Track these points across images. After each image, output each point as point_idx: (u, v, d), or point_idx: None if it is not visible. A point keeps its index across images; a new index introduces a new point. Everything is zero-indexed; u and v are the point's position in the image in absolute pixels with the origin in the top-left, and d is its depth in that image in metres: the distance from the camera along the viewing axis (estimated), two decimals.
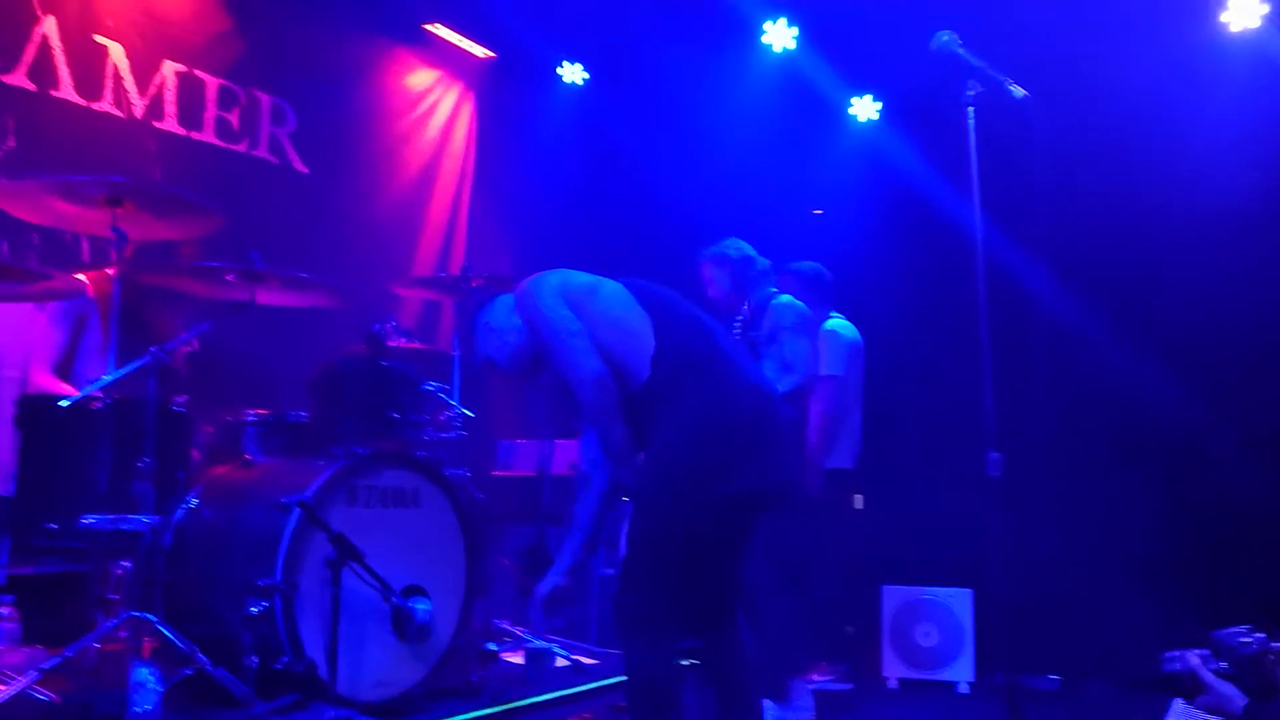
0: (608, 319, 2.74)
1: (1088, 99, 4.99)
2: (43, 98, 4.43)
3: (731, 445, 2.62)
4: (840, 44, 6.12)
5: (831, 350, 4.78)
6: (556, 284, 2.80)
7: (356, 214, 5.78)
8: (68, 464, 3.10)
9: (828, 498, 4.71)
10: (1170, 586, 5.10)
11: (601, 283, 2.83)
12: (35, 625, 3.35)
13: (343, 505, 3.01)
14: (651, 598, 2.62)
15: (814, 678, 4.83)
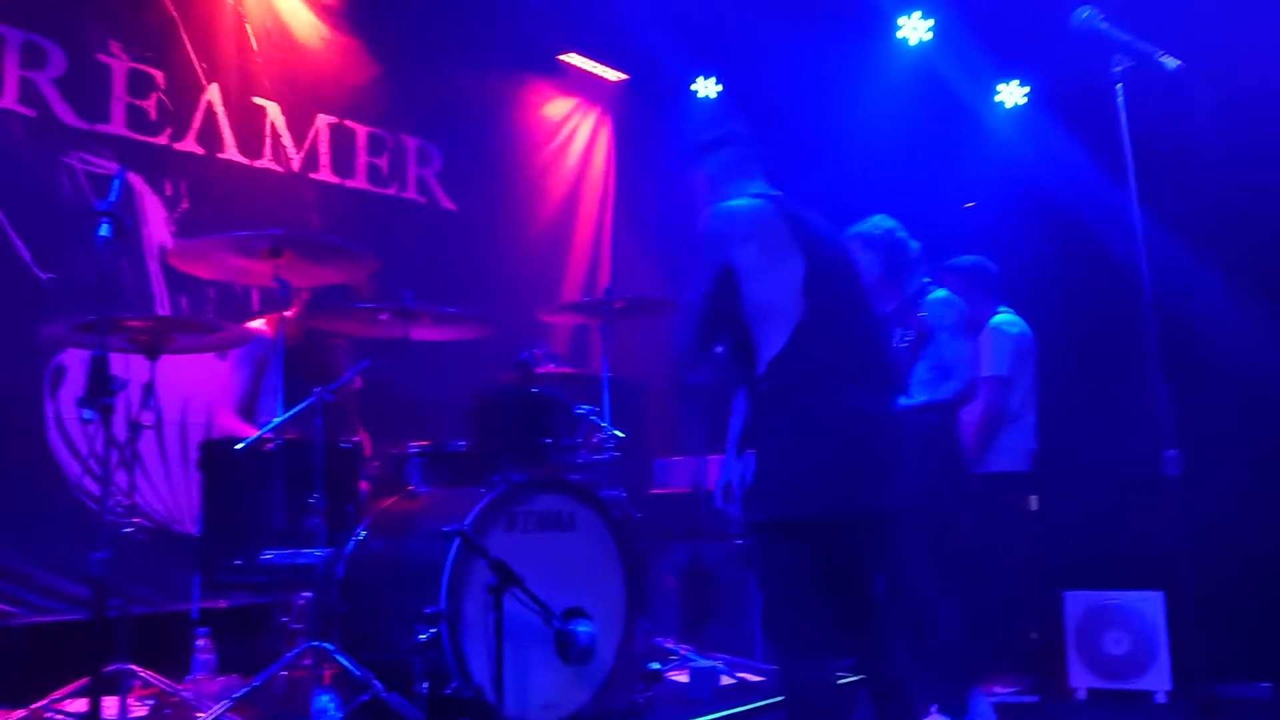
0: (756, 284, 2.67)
1: (1254, 64, 4.63)
2: (210, 160, 4.75)
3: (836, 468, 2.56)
4: (980, 30, 5.89)
5: (995, 348, 4.56)
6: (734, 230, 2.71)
7: (504, 246, 5.94)
8: (246, 503, 3.29)
9: (996, 501, 4.50)
10: None
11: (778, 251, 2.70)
12: (229, 655, 3.56)
13: (501, 531, 3.07)
14: (788, 616, 2.59)
15: (997, 689, 4.63)
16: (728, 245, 2.69)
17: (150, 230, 4.54)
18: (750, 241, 2.68)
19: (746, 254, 2.67)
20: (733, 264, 2.67)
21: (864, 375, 2.68)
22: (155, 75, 4.60)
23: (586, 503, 3.33)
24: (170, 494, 4.49)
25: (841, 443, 2.58)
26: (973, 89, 6.22)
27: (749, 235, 2.70)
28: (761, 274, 2.67)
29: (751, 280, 2.66)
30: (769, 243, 2.69)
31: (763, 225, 2.71)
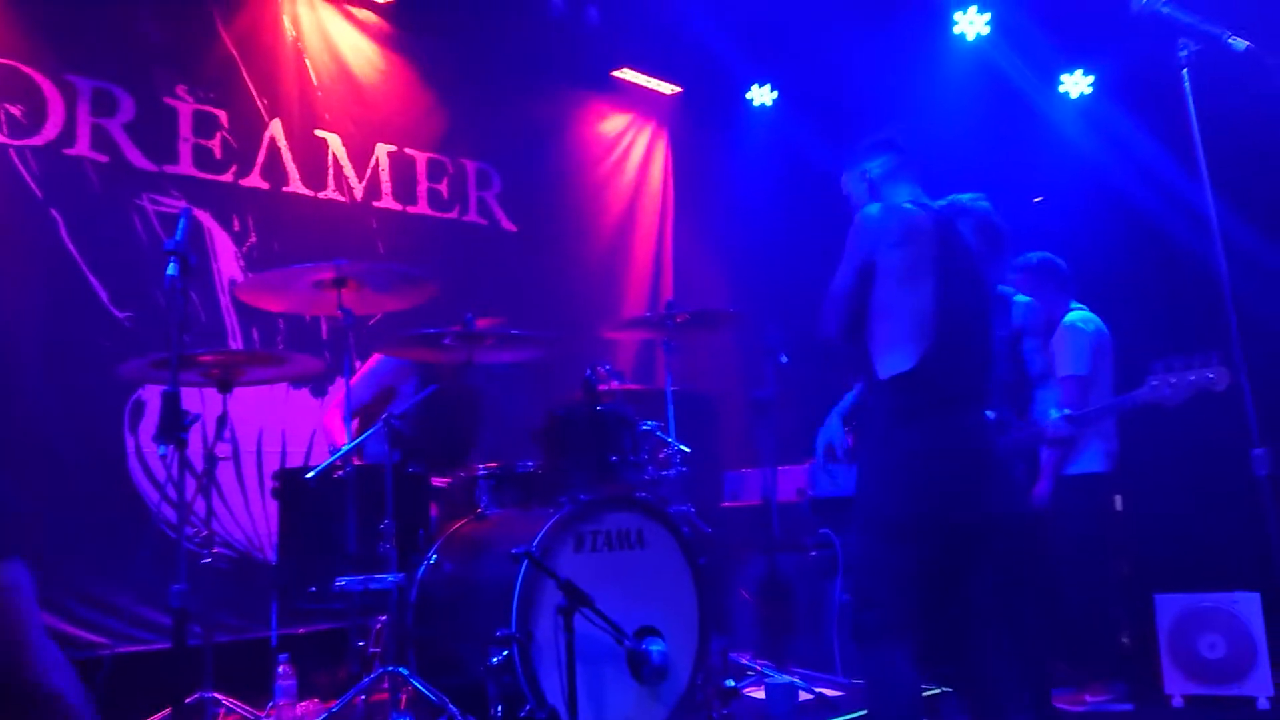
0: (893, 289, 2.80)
1: None
2: (275, 194, 4.86)
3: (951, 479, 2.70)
4: (1040, 19, 5.77)
5: (1073, 347, 4.43)
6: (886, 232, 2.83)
7: (565, 264, 5.97)
8: (320, 530, 3.34)
9: (1080, 505, 4.36)
10: None
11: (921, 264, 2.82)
12: (308, 681, 3.62)
13: (569, 551, 3.06)
14: (885, 616, 2.65)
15: (1087, 698, 4.48)
16: (877, 245, 2.81)
17: (221, 265, 4.66)
18: (899, 249, 2.80)
19: (891, 259, 2.80)
20: (875, 264, 2.80)
21: (979, 397, 2.86)
22: (219, 115, 4.73)
23: (655, 519, 3.31)
24: (250, 522, 4.59)
25: (958, 459, 2.72)
26: (1034, 81, 6.09)
27: (899, 242, 2.81)
28: (898, 283, 2.79)
29: (887, 286, 2.79)
30: (914, 255, 2.80)
31: (914, 236, 2.81)
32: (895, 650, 2.63)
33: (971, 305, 2.87)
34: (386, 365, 4.15)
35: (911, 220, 2.83)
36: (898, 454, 2.72)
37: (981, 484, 2.76)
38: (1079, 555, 4.39)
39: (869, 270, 2.80)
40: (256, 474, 4.60)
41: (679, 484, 3.90)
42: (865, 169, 3.06)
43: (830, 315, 2.89)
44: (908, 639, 2.64)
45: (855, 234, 2.86)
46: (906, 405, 2.74)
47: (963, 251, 2.90)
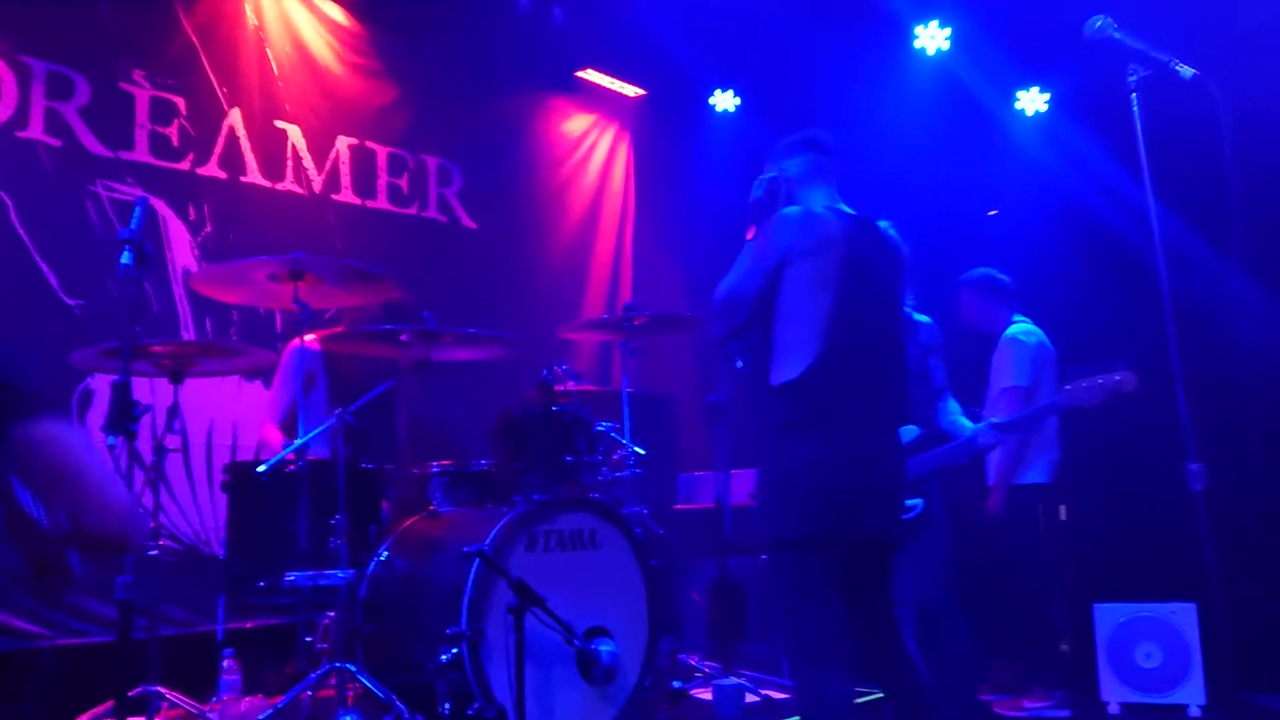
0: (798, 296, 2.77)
1: (1271, 72, 4.58)
2: (233, 184, 4.81)
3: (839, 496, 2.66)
4: (998, 37, 5.87)
5: (1015, 359, 4.52)
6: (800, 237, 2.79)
7: (525, 263, 5.97)
8: (270, 524, 3.31)
9: (1022, 514, 4.46)
10: None
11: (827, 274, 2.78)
12: (254, 676, 3.58)
13: (522, 551, 3.07)
14: (810, 631, 2.64)
15: (1025, 704, 4.57)
16: (790, 250, 2.77)
17: (175, 255, 4.60)
18: (810, 258, 2.77)
19: (801, 267, 2.76)
20: (785, 269, 2.76)
21: (875, 410, 2.79)
22: (177, 102, 4.67)
23: (608, 520, 3.32)
24: (197, 515, 4.53)
25: (846, 471, 2.67)
26: (992, 97, 6.19)
27: (811, 251, 2.77)
28: (803, 292, 2.76)
29: (792, 293, 2.76)
30: (823, 264, 2.77)
31: (826, 245, 2.78)
32: (824, 663, 2.62)
33: (871, 319, 2.84)
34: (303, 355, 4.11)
35: (823, 228, 2.80)
36: (789, 465, 2.70)
37: (879, 499, 2.75)
38: (1022, 563, 4.47)
39: (777, 274, 2.77)
40: (206, 467, 4.55)
41: (633, 485, 3.93)
42: (783, 167, 3.01)
43: (728, 313, 2.85)
44: (836, 651, 2.63)
45: (769, 236, 2.81)
46: (794, 414, 2.72)
47: (870, 264, 2.86)
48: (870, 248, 2.88)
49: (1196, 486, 2.38)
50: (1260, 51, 4.56)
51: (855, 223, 2.89)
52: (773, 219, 2.85)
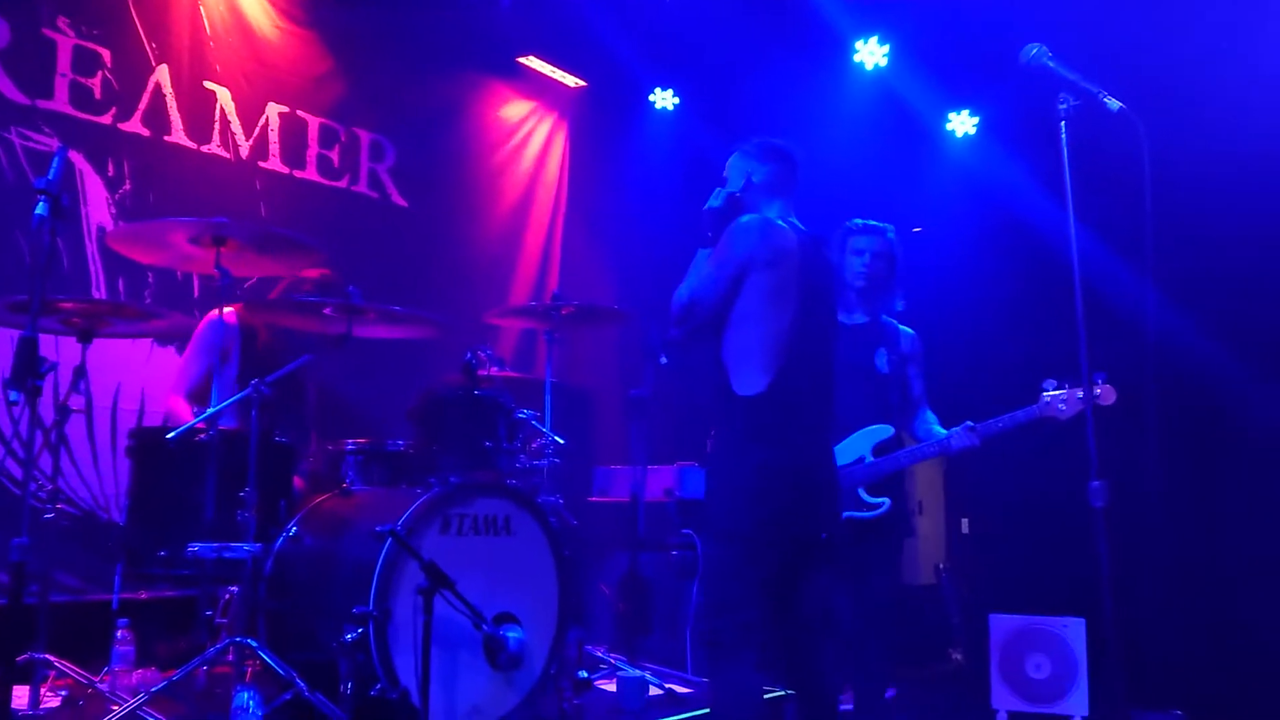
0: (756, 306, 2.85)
1: (1197, 109, 4.78)
2: (156, 143, 4.66)
3: (784, 498, 2.80)
4: (935, 60, 6.00)
5: None
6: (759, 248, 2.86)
7: (455, 246, 5.91)
8: (175, 493, 3.23)
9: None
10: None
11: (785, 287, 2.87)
12: (150, 649, 3.49)
13: (435, 533, 3.05)
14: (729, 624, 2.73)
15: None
16: (751, 260, 2.84)
17: (90, 211, 4.45)
18: (769, 269, 2.85)
19: (760, 277, 2.84)
20: (745, 278, 2.84)
21: (825, 421, 2.98)
22: (102, 53, 4.51)
23: (524, 508, 3.32)
24: (98, 481, 4.39)
25: (803, 478, 2.85)
26: (926, 116, 6.33)
27: (771, 262, 2.85)
28: (762, 302, 2.85)
29: (751, 302, 2.85)
30: (781, 277, 2.86)
31: (784, 257, 2.86)
32: (741, 657, 2.71)
33: (822, 333, 2.97)
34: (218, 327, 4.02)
35: (783, 241, 2.89)
36: (749, 470, 2.79)
37: (819, 504, 2.90)
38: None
39: (738, 282, 2.85)
40: (110, 431, 4.40)
41: (550, 475, 3.92)
42: (750, 170, 3.07)
43: (689, 316, 2.90)
44: (754, 646, 2.72)
45: (730, 243, 2.88)
46: (759, 424, 2.82)
47: (818, 281, 2.98)
48: (818, 265, 2.99)
49: (1097, 503, 2.46)
50: (1183, 88, 4.75)
51: (808, 239, 2.98)
52: (732, 227, 2.91)
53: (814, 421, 2.92)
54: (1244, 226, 4.97)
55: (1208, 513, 5.12)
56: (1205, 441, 5.15)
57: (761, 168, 3.06)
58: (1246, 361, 5.00)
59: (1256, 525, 4.96)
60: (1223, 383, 5.06)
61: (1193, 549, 5.12)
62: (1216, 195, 4.94)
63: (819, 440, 2.96)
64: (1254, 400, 4.99)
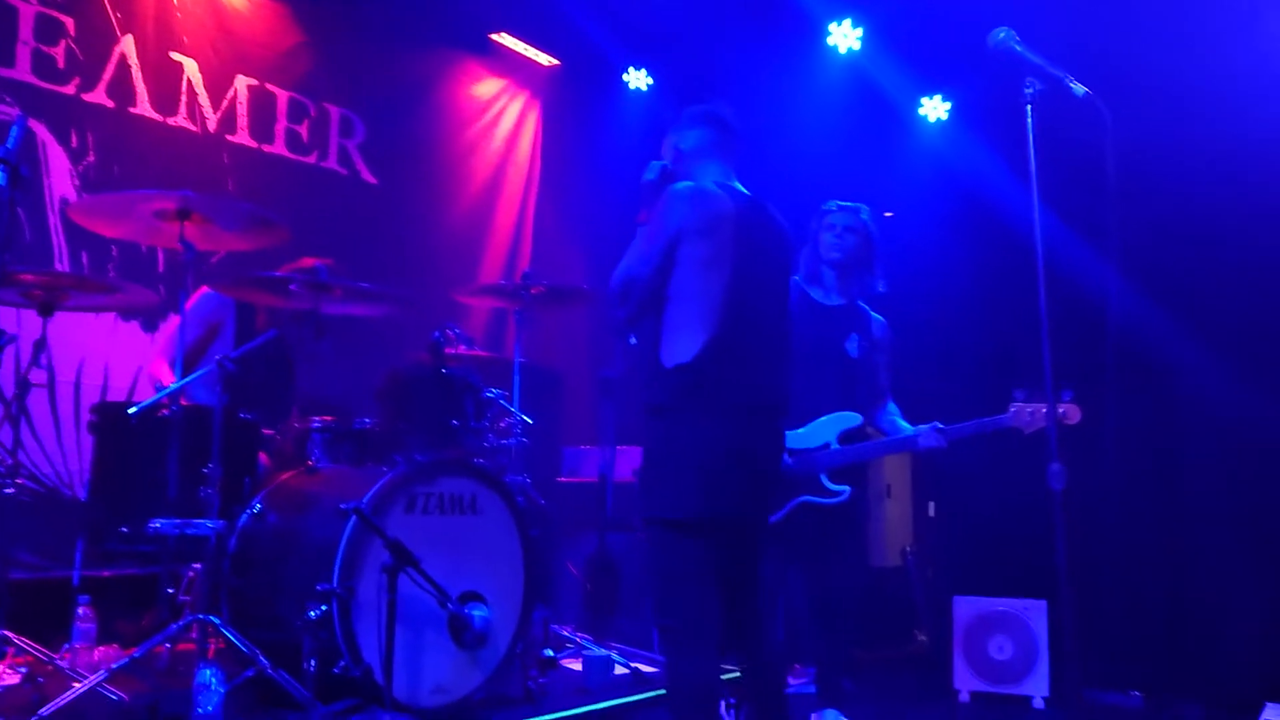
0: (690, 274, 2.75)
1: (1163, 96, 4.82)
2: (121, 114, 4.59)
3: (723, 475, 2.69)
4: (908, 44, 6.01)
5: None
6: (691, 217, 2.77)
7: (424, 224, 5.87)
8: (138, 469, 3.20)
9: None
10: (1260, 601, 4.89)
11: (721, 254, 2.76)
12: (111, 626, 3.46)
13: (400, 512, 3.03)
14: (683, 608, 2.69)
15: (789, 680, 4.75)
16: (683, 228, 2.74)
17: (53, 182, 4.38)
18: (703, 237, 2.74)
19: (694, 245, 2.74)
20: (678, 247, 2.73)
21: (766, 394, 2.81)
22: (65, 22, 4.43)
23: (490, 487, 3.31)
24: (60, 456, 4.34)
25: (735, 455, 2.71)
26: (899, 100, 6.34)
27: (705, 230, 2.74)
28: (695, 271, 2.74)
29: (684, 271, 2.74)
30: (716, 243, 2.75)
31: (718, 224, 2.76)
32: (693, 641, 2.67)
33: (761, 303, 2.82)
34: (213, 301, 3.98)
35: (716, 205, 2.78)
36: (674, 446, 2.70)
37: (762, 481, 2.80)
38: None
39: (671, 252, 2.75)
40: (73, 406, 4.36)
41: (518, 455, 3.91)
42: (680, 138, 2.97)
43: (627, 295, 2.82)
44: (705, 629, 2.69)
45: (662, 214, 2.78)
46: (684, 397, 2.70)
47: (761, 246, 2.85)
48: (761, 229, 2.87)
49: (1056, 486, 2.49)
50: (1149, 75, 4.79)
51: (747, 202, 2.86)
52: (663, 197, 2.82)
53: (751, 397, 2.76)
54: (1207, 214, 5.02)
55: (1165, 497, 5.19)
56: (1164, 426, 5.22)
57: (690, 134, 2.96)
58: (1206, 347, 5.06)
59: (1212, 509, 5.04)
60: (1183, 368, 5.12)
61: (1150, 532, 5.19)
62: (1180, 182, 4.98)
63: (757, 418, 2.79)
64: (1212, 385, 5.06)
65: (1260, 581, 4.90)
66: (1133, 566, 5.06)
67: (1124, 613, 5.06)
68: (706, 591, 2.71)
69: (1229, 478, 4.98)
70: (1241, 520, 4.91)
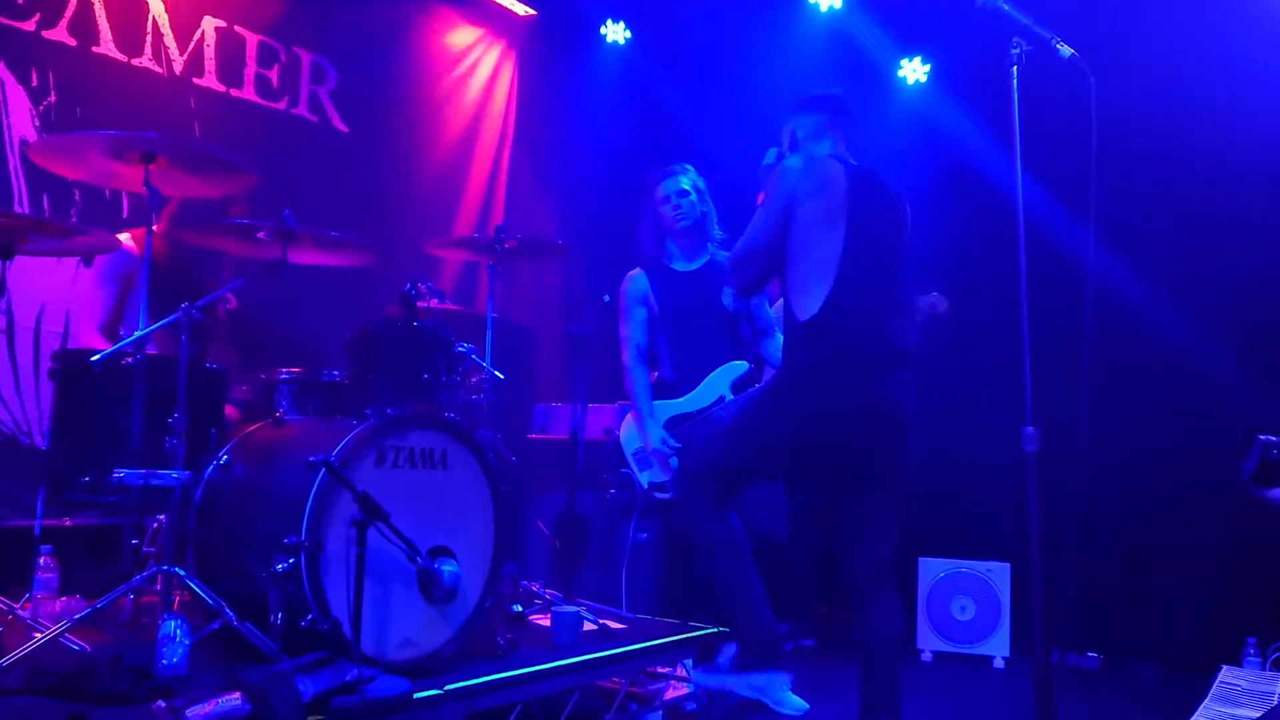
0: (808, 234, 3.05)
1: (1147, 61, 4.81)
2: (83, 53, 4.46)
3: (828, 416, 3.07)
4: (889, 3, 5.95)
5: None
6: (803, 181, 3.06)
7: (397, 174, 5.78)
8: (101, 418, 3.13)
9: None
10: (1216, 567, 4.98)
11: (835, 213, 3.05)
12: (75, 576, 3.41)
13: (370, 465, 2.99)
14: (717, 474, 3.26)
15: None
16: (794, 193, 3.04)
17: (13, 122, 4.25)
18: (814, 197, 3.03)
19: (807, 207, 3.03)
20: (793, 212, 3.03)
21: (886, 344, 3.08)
22: None
23: (461, 442, 3.27)
24: (19, 404, 4.26)
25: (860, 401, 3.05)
26: (879, 61, 6.30)
27: (814, 191, 3.03)
28: (811, 230, 3.02)
29: (802, 233, 3.03)
30: (828, 203, 3.03)
31: (828, 185, 3.03)
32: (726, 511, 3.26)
33: (879, 256, 3.08)
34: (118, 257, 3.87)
35: (826, 170, 3.05)
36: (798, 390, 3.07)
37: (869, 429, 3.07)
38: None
39: (787, 218, 3.02)
40: (32, 353, 4.26)
41: (489, 410, 3.87)
42: (794, 127, 3.26)
43: (744, 264, 3.13)
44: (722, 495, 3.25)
45: (774, 185, 3.06)
46: (813, 347, 3.03)
47: (873, 206, 3.09)
48: (872, 191, 3.13)
49: (1029, 448, 2.50)
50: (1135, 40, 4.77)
51: (856, 170, 3.12)
52: (776, 170, 3.11)
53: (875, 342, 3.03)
54: (1188, 181, 5.04)
55: (1126, 460, 5.26)
56: (1129, 392, 5.27)
57: (805, 120, 3.24)
58: (1182, 314, 5.10)
59: (1172, 473, 5.11)
60: (1158, 334, 5.17)
61: (1110, 495, 5.26)
62: (1163, 148, 4.99)
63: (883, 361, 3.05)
64: (1184, 354, 5.11)
65: (1218, 545, 4.99)
66: (1091, 528, 5.14)
67: (1082, 575, 5.14)
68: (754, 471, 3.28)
69: (1191, 443, 5.05)
70: (1201, 485, 4.99)
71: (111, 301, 3.92)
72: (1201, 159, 4.98)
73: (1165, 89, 4.88)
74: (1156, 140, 4.96)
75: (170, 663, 2.63)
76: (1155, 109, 4.87)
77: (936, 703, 4.47)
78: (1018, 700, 4.12)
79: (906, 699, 3.17)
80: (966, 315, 5.47)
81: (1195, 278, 5.11)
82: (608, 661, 3.41)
